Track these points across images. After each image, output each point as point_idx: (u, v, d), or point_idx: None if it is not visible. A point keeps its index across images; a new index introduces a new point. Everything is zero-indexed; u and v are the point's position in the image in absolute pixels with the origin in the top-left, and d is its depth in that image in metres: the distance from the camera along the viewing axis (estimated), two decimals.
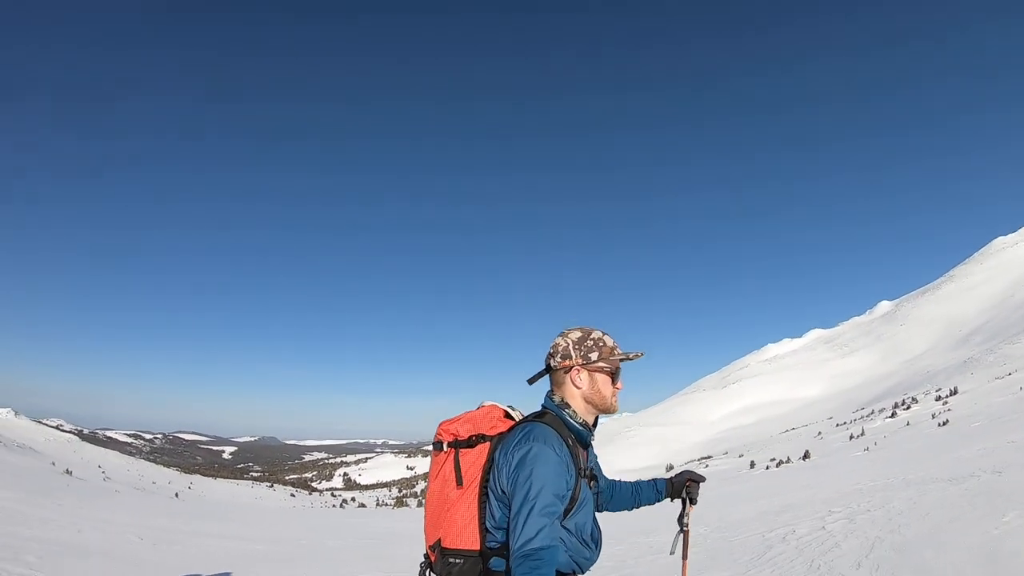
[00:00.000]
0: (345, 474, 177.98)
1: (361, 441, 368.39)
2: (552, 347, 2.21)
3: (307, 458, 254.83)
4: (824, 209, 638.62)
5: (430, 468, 2.19)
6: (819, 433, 53.55)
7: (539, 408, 2.21)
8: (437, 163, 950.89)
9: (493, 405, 2.24)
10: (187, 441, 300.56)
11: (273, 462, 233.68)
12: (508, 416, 2.21)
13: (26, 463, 35.56)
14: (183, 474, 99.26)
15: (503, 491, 1.98)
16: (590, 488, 2.17)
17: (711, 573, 7.71)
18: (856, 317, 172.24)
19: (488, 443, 2.10)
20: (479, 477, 2.06)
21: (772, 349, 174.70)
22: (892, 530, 8.00)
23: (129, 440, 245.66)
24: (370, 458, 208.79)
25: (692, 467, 53.29)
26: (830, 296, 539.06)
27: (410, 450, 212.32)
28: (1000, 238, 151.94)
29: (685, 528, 2.51)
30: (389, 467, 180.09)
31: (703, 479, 2.55)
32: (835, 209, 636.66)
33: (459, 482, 2.06)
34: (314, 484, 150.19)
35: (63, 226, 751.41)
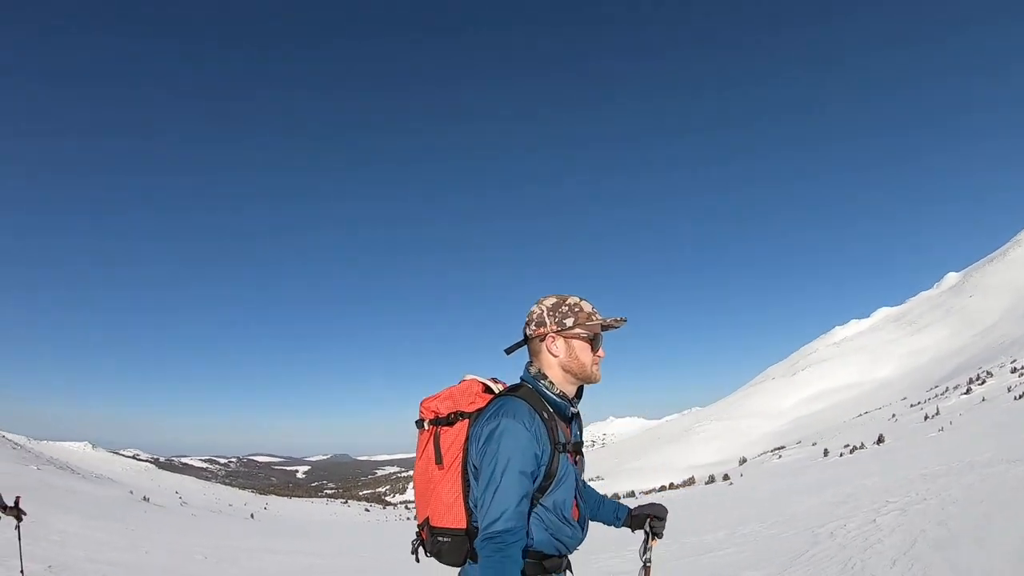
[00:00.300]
0: None
1: None
2: (528, 315, 2.11)
3: (380, 473, 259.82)
4: (884, 189, 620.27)
5: (416, 446, 2.14)
6: (893, 415, 51.45)
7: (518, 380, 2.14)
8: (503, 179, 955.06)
9: (473, 379, 2.16)
10: (261, 463, 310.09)
11: (346, 479, 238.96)
12: (488, 390, 2.13)
13: (103, 492, 36.88)
14: (258, 495, 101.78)
15: (476, 467, 1.93)
16: (573, 463, 2.05)
17: (745, 573, 7.54)
18: (924, 292, 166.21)
19: (467, 420, 2.04)
20: (460, 456, 2.00)
21: (840, 332, 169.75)
22: (940, 522, 7.66)
23: (204, 465, 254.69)
24: None
25: (765, 459, 51.99)
26: (897, 273, 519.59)
27: None
28: None
29: (647, 563, 2.45)
30: None
31: (666, 513, 2.47)
32: (895, 188, 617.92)
33: (438, 461, 2.02)
34: (387, 498, 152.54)
35: (131, 264, 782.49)
